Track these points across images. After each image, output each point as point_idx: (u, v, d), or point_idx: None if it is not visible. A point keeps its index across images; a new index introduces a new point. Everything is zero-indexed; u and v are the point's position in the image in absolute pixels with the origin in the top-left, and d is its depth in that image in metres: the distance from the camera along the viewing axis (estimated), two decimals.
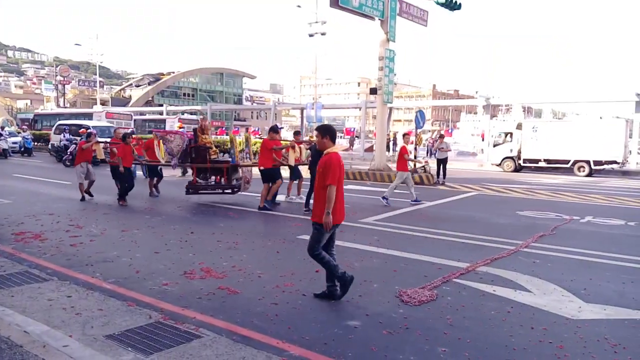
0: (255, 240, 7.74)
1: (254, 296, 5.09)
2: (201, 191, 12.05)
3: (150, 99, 72.86)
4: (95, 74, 62.45)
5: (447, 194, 13.55)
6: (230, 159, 12.22)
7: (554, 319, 4.63)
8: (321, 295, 5.10)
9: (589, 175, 22.03)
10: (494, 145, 25.63)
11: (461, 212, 11.30)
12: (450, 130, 74.18)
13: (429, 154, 32.23)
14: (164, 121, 38.71)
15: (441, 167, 17.33)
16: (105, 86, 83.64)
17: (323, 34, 37.99)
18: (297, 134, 13.92)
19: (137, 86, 77.24)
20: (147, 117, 46.45)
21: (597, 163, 22.16)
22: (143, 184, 13.29)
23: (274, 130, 11.59)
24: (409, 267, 6.39)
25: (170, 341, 3.90)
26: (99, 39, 57.06)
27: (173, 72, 77.47)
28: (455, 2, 18.60)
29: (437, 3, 18.48)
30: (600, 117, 33.03)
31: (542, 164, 23.57)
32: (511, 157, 24.30)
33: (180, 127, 18.49)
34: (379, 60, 18.34)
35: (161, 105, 50.86)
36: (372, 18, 18.05)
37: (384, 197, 11.84)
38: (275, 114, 44.68)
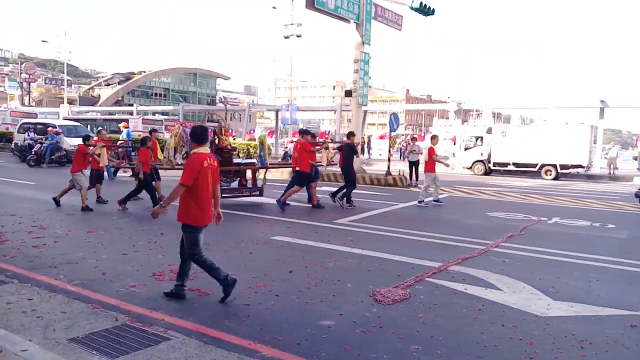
0: (228, 242, 7.64)
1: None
2: (225, 195, 11.47)
3: (120, 98, 71.59)
4: (63, 72, 60.96)
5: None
6: (254, 161, 12.44)
7: (524, 316, 4.68)
8: (170, 294, 4.97)
9: (556, 178, 22.51)
10: (465, 149, 25.97)
11: (433, 214, 11.39)
12: (423, 135, 75.01)
13: (401, 157, 32.51)
14: (118, 120, 35.40)
15: (413, 169, 17.46)
16: (73, 85, 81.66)
17: (299, 36, 38.03)
18: (313, 135, 13.71)
19: (107, 85, 75.80)
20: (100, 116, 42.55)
21: (563, 167, 22.68)
22: (107, 185, 13.02)
23: (308, 132, 11.96)
24: (383, 266, 6.39)
25: (138, 344, 3.79)
26: (67, 36, 55.56)
27: (144, 72, 76.29)
28: (429, 7, 18.80)
29: (412, 8, 18.64)
30: (567, 123, 33.87)
31: (511, 168, 23.99)
32: (481, 161, 24.67)
33: (124, 127, 17.78)
34: (354, 63, 18.41)
35: (131, 105, 49.90)
36: (347, 21, 18.12)
37: (419, 202, 12.05)
38: (250, 116, 44.42)
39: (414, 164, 17.49)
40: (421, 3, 18.36)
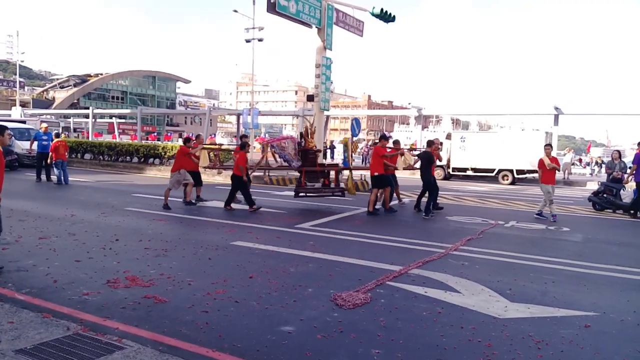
0: (186, 247, 7.47)
1: (183, 304, 4.88)
2: (310, 194, 12.29)
3: (75, 101, 69.65)
4: (15, 74, 58.79)
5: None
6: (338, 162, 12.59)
7: (482, 318, 4.74)
8: None
9: (513, 183, 23.13)
10: None
11: (394, 217, 11.48)
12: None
13: (363, 162, 32.72)
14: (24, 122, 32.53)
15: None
16: (26, 87, 78.87)
17: (260, 39, 37.80)
18: (396, 142, 13.67)
19: (62, 87, 73.58)
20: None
21: (519, 172, 23.32)
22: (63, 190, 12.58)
23: (385, 138, 12.36)
24: (344, 271, 6.37)
25: (90, 353, 3.64)
26: (20, 36, 53.68)
27: (101, 74, 74.51)
28: (390, 14, 18.98)
29: (373, 14, 18.77)
30: (523, 130, 34.89)
31: (469, 173, 24.51)
32: (441, 166, 25.08)
33: (45, 130, 17.12)
34: (316, 68, 18.41)
35: (87, 108, 48.53)
36: (309, 25, 18.10)
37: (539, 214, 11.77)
38: (211, 120, 43.89)
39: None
40: (382, 10, 18.53)
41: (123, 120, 61.70)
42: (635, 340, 4.36)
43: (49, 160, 16.00)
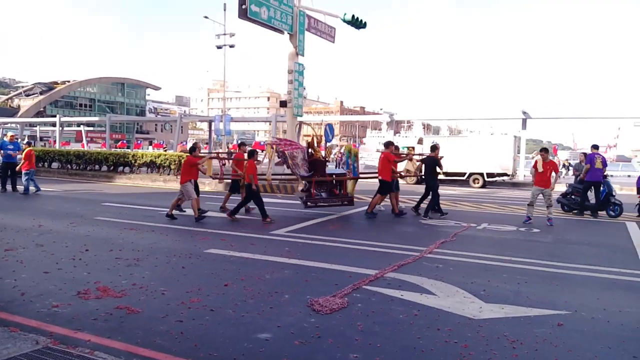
0: (159, 256, 7.34)
1: (157, 314, 4.78)
2: (320, 203, 12.32)
3: (42, 109, 68.07)
4: None
5: (356, 205, 13.78)
6: (341, 171, 12.99)
7: (458, 319, 4.78)
8: None
9: (483, 186, 23.50)
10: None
11: (369, 222, 11.52)
12: (357, 145, 76.25)
13: (337, 167, 32.78)
14: None
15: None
16: None
17: (232, 46, 37.72)
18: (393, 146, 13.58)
19: (28, 95, 71.77)
20: None
21: (490, 175, 23.72)
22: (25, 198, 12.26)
23: (392, 144, 12.65)
24: (320, 276, 6.35)
25: None
26: None
27: (68, 81, 72.99)
28: (361, 20, 19.15)
29: (344, 21, 18.92)
30: (492, 134, 35.51)
31: (441, 177, 24.73)
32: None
33: (12, 139, 16.81)
34: (288, 74, 18.43)
35: (54, 117, 47.46)
36: (281, 32, 18.13)
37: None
38: (182, 127, 43.40)
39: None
40: (353, 16, 18.69)
41: (91, 129, 60.60)
42: (605, 337, 4.46)
43: (20, 169, 15.63)
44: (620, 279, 6.50)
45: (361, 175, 13.33)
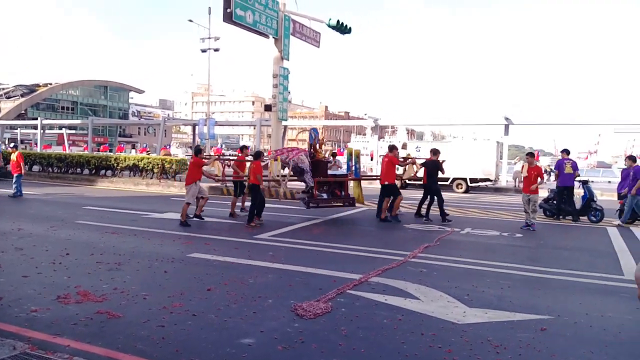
0: (141, 261, 7.24)
1: (138, 319, 4.71)
2: (322, 204, 12.39)
3: (23, 111, 67.00)
4: None
5: (340, 210, 13.79)
6: (343, 172, 13.15)
7: (442, 324, 4.78)
8: None
9: (466, 191, 23.68)
10: None
11: (353, 227, 11.53)
12: (342, 150, 76.36)
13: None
14: None
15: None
16: None
17: (216, 50, 37.55)
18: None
19: (8, 97, 70.58)
20: None
21: (472, 180, 23.91)
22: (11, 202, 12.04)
23: (395, 148, 12.63)
24: (304, 281, 6.32)
25: None
26: None
27: (51, 84, 72.02)
28: (346, 25, 19.19)
29: (329, 26, 18.94)
30: (475, 139, 35.85)
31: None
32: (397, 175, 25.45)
33: None
34: (273, 78, 18.40)
35: (35, 119, 46.73)
36: (266, 36, 18.10)
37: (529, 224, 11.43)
38: (165, 130, 43.08)
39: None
40: (338, 21, 18.73)
41: (73, 131, 59.75)
42: (588, 341, 4.49)
43: (12, 172, 15.75)
44: (602, 284, 6.57)
45: (363, 177, 13.42)
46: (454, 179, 24.07)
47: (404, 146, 26.87)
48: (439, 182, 23.86)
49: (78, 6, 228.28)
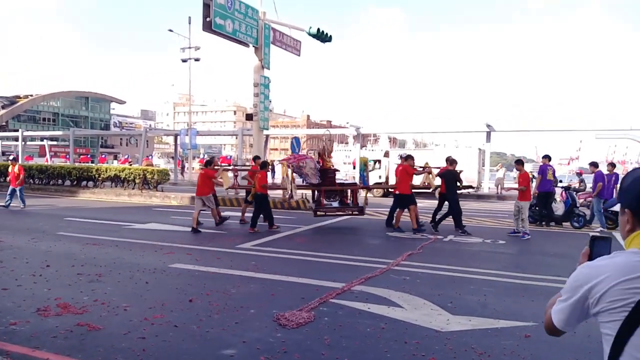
0: (122, 272, 7.15)
1: (119, 331, 4.64)
2: (329, 213, 12.59)
3: (4, 123, 65.86)
4: None
5: (322, 219, 13.78)
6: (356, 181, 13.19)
7: (425, 332, 4.79)
8: None
9: None
10: None
11: (336, 235, 11.52)
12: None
13: (303, 180, 32.79)
14: None
15: (316, 192, 17.61)
16: None
17: (197, 59, 37.45)
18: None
19: None
20: None
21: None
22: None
23: (411, 157, 12.31)
24: (287, 290, 6.29)
25: None
26: None
27: (32, 95, 71.03)
28: (326, 34, 19.27)
29: (310, 34, 19.00)
30: (457, 147, 36.16)
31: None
32: (379, 183, 25.53)
33: None
34: (254, 87, 18.39)
35: (16, 131, 46.02)
36: (246, 45, 18.10)
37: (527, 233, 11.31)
38: (147, 141, 42.72)
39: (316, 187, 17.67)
40: (318, 29, 18.78)
41: (55, 143, 58.97)
42: (571, 348, 4.50)
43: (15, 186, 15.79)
44: None
45: (372, 186, 13.53)
46: (437, 187, 24.19)
47: (386, 154, 26.97)
48: (422, 190, 24.23)
49: (51, 13, 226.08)
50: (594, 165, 13.86)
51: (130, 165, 28.35)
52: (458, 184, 12.33)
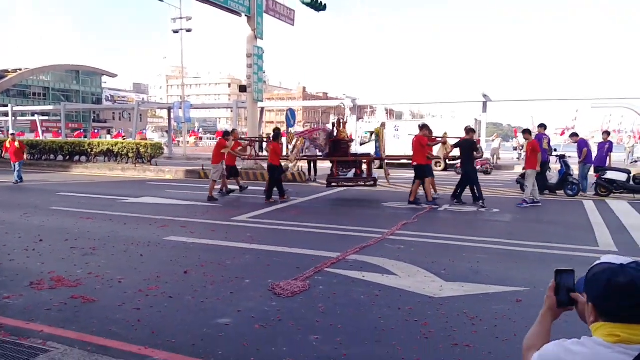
0: (116, 245, 7.15)
1: (113, 303, 4.65)
2: (342, 183, 12.69)
3: None
4: None
5: (318, 190, 13.79)
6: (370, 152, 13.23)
7: (419, 298, 4.82)
8: None
9: (445, 169, 23.87)
10: (361, 144, 26.69)
11: (331, 207, 11.54)
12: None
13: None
14: None
15: (312, 165, 17.60)
16: None
17: (189, 30, 36.86)
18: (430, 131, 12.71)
19: None
20: None
21: (451, 159, 24.06)
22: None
23: (426, 127, 11.98)
24: (282, 260, 6.31)
25: (11, 359, 3.38)
26: None
27: (20, 69, 70.04)
28: (321, 2, 18.98)
29: (303, 3, 18.70)
30: (453, 117, 36.01)
31: (404, 161, 25.00)
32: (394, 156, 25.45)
33: None
34: (247, 58, 18.16)
35: (6, 106, 45.51)
36: (239, 14, 17.82)
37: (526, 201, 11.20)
38: (140, 115, 42.36)
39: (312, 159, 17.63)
40: None
41: (46, 118, 58.39)
42: (562, 316, 4.55)
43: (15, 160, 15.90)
44: (577, 255, 6.66)
45: (385, 157, 13.10)
46: (433, 157, 24.20)
47: (383, 125, 26.80)
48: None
49: None
50: (575, 135, 15.01)
51: (124, 139, 28.18)
52: (475, 153, 11.93)
